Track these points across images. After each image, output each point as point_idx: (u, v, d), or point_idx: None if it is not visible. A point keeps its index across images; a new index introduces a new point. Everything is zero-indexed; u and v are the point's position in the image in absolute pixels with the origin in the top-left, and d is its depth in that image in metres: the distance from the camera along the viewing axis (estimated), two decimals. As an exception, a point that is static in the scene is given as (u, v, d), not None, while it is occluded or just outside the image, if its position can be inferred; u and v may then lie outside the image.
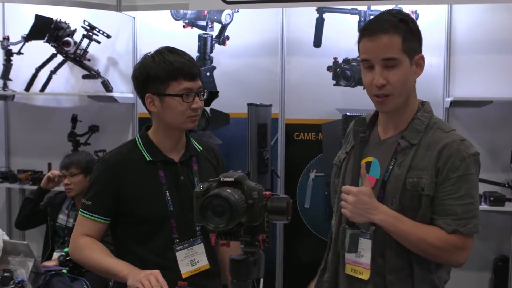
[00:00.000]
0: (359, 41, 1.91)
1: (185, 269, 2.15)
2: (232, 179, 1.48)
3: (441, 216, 1.85)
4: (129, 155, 2.20)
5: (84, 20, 4.37)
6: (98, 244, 2.16)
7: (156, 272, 1.95)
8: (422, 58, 1.91)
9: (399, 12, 1.94)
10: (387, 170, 1.91)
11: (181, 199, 2.16)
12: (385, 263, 1.91)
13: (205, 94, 2.20)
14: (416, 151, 1.89)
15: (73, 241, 2.20)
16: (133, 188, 2.14)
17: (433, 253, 1.86)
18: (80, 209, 2.19)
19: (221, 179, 1.49)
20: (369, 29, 1.88)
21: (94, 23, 4.38)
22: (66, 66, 4.59)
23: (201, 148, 2.31)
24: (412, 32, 1.88)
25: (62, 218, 3.94)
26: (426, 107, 1.99)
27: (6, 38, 4.56)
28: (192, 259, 2.17)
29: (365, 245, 1.93)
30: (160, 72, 2.09)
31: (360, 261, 1.94)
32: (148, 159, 2.18)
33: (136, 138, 2.26)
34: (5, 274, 2.96)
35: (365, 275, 1.93)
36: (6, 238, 3.33)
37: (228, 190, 1.43)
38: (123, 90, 4.62)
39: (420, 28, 4.13)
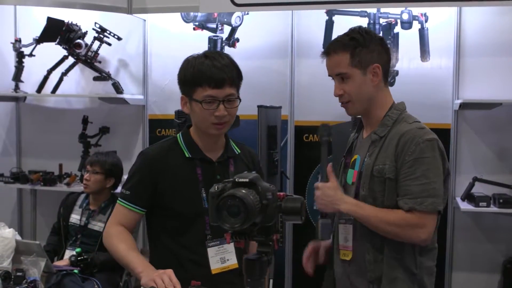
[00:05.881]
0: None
1: (215, 266, 2.19)
2: (247, 180, 1.50)
3: (401, 196, 2.09)
4: (170, 150, 2.26)
5: (95, 23, 4.40)
6: (128, 235, 2.22)
7: (169, 271, 1.98)
8: (378, 67, 2.18)
9: (355, 31, 2.21)
10: (362, 163, 2.21)
11: None
12: (362, 244, 2.17)
13: (239, 101, 2.21)
14: (383, 142, 2.16)
15: (106, 228, 2.28)
16: (170, 182, 2.20)
17: (392, 231, 2.08)
18: (119, 198, 2.26)
19: (236, 180, 1.51)
20: (325, 50, 2.24)
21: (105, 26, 4.42)
22: (77, 68, 4.62)
23: (239, 151, 2.37)
24: (364, 46, 2.16)
25: (74, 217, 3.98)
26: (397, 105, 2.25)
27: (18, 40, 4.60)
28: (222, 257, 2.21)
29: (349, 230, 2.22)
30: (188, 76, 2.17)
31: (346, 245, 2.23)
32: (187, 155, 2.24)
33: (178, 135, 2.32)
34: (18, 274, 2.98)
35: (349, 256, 2.22)
36: (19, 238, 3.35)
37: (243, 191, 1.45)
38: (133, 91, 4.65)
39: (430, 30, 4.14)
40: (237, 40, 4.41)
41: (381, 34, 3.63)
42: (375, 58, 2.18)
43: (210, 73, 2.12)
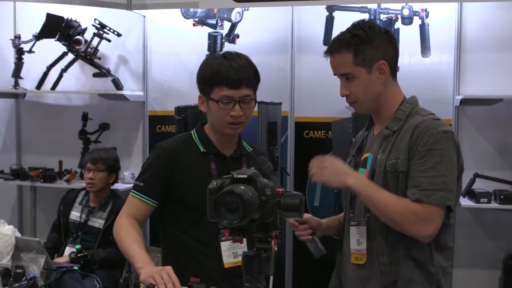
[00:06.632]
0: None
1: (228, 260, 2.22)
2: (246, 176, 1.49)
3: (409, 188, 1.97)
4: (184, 145, 2.30)
5: (95, 19, 4.39)
6: (136, 228, 2.22)
7: (169, 268, 1.98)
8: (384, 64, 2.08)
9: (357, 27, 2.09)
10: (375, 160, 2.09)
11: None
12: (377, 245, 2.05)
13: (255, 103, 2.26)
14: (397, 136, 2.06)
15: (117, 219, 2.29)
16: (184, 176, 2.23)
17: (396, 219, 1.96)
18: (132, 190, 2.28)
19: (235, 176, 1.50)
20: (327, 48, 2.13)
21: (104, 22, 4.41)
22: (76, 65, 4.61)
23: (251, 149, 2.41)
24: (367, 43, 2.05)
25: (74, 214, 3.98)
26: (410, 99, 2.16)
27: (18, 37, 4.59)
28: (234, 252, 2.24)
29: (362, 232, 2.10)
30: (207, 76, 2.21)
31: (360, 248, 2.11)
32: (202, 150, 2.28)
33: (192, 132, 2.35)
34: (18, 271, 2.97)
35: (362, 260, 2.10)
36: (18, 234, 3.34)
37: (242, 187, 1.44)
38: (133, 88, 4.64)
39: (430, 26, 4.10)
40: (237, 36, 4.40)
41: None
42: (380, 54, 2.07)
43: (227, 73, 2.16)
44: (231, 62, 2.18)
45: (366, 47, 2.05)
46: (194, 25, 4.46)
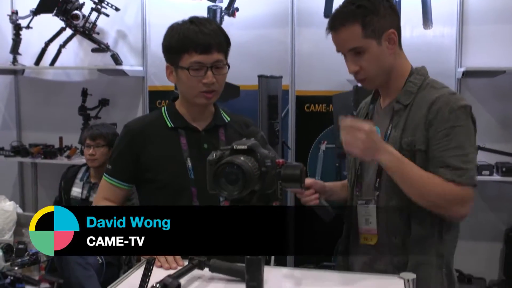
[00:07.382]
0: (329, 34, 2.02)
1: None
2: (245, 147, 1.47)
3: (437, 168, 1.86)
4: (152, 122, 2.21)
5: (93, -7, 4.35)
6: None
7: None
8: (393, 33, 1.97)
9: None
10: (385, 135, 1.98)
11: (203, 167, 2.13)
12: (389, 226, 1.96)
13: (228, 68, 2.13)
14: (409, 111, 1.95)
15: (93, 204, 2.25)
16: (153, 154, 2.14)
17: (433, 200, 1.86)
18: (104, 173, 2.22)
19: (234, 147, 1.48)
20: (330, 24, 1.98)
21: (102, -4, 4.36)
22: (75, 40, 4.57)
23: (228, 119, 2.27)
24: (375, 12, 1.94)
25: (76, 191, 3.99)
26: (420, 70, 2.05)
27: (15, 13, 4.54)
28: None
29: (371, 211, 2.00)
30: (174, 43, 2.09)
31: (369, 227, 2.01)
32: (169, 125, 2.17)
33: (163, 107, 2.25)
34: (20, 246, 3.00)
35: (373, 240, 2.01)
36: (20, 210, 3.36)
37: (242, 158, 1.43)
38: (132, 63, 4.61)
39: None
40: (237, 9, 4.34)
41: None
42: (388, 23, 1.96)
43: (196, 38, 2.04)
44: (199, 27, 2.06)
45: (374, 17, 1.94)
46: (193, -2, 4.41)
